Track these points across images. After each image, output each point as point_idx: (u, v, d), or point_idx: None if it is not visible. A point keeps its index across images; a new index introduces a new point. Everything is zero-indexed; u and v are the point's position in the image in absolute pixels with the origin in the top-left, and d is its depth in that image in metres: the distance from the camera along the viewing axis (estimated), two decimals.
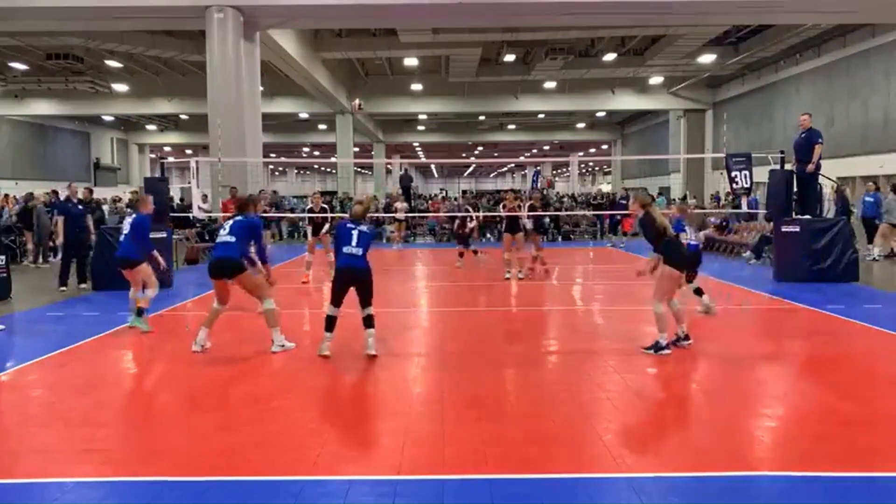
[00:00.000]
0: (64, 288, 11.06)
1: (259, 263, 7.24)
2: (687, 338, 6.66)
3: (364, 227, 6.62)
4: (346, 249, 6.45)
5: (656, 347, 6.45)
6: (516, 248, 12.20)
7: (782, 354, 6.75)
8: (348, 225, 6.60)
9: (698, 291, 8.47)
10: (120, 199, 22.31)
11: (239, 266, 6.76)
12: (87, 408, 5.06)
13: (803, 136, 11.44)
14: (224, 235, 6.85)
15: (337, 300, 6.51)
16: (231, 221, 7.01)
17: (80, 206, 12.12)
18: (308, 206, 12.11)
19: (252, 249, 7.13)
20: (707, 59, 25.49)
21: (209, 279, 6.89)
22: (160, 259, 8.32)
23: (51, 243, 15.97)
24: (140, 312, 7.81)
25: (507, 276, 12.00)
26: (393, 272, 13.75)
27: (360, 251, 6.46)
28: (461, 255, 13.93)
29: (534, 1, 16.02)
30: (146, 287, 7.95)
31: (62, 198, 19.26)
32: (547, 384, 5.67)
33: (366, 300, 6.53)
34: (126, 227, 8.05)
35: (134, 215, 8.13)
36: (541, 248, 12.59)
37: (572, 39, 23.94)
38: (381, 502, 3.45)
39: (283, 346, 6.82)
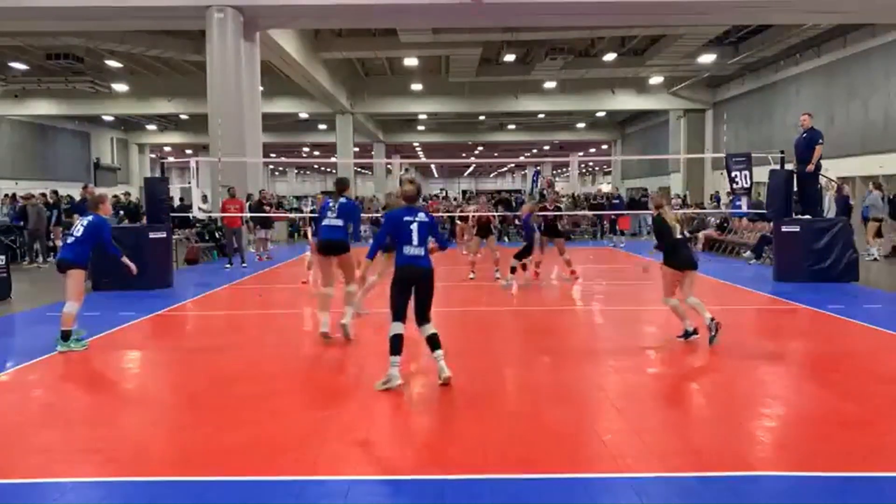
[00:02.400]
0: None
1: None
2: (695, 332, 6.85)
3: (423, 216, 5.50)
4: (405, 250, 5.39)
5: (686, 335, 6.84)
6: (539, 251, 11.73)
7: (782, 354, 6.74)
8: (405, 217, 5.44)
9: None
10: (118, 198, 22.24)
11: (346, 246, 7.15)
12: (87, 408, 5.07)
13: (804, 136, 11.43)
14: (332, 218, 7.13)
15: (400, 311, 5.39)
16: (337, 205, 7.19)
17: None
18: (312, 207, 12.07)
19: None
20: (707, 59, 25.48)
21: (319, 255, 7.30)
22: (130, 264, 7.24)
23: (49, 243, 15.98)
24: (66, 336, 6.70)
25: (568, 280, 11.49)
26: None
27: (422, 250, 5.41)
28: (514, 270, 11.28)
29: (534, 1, 16.02)
30: (67, 299, 6.81)
31: (62, 198, 19.34)
32: (547, 384, 5.66)
33: (424, 311, 5.47)
34: (78, 228, 6.93)
35: (90, 216, 7.03)
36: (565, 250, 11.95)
37: (572, 39, 23.94)
38: (381, 502, 3.45)
39: (351, 317, 7.21)
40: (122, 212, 17.59)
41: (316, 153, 55.37)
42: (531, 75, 28.53)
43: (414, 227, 5.38)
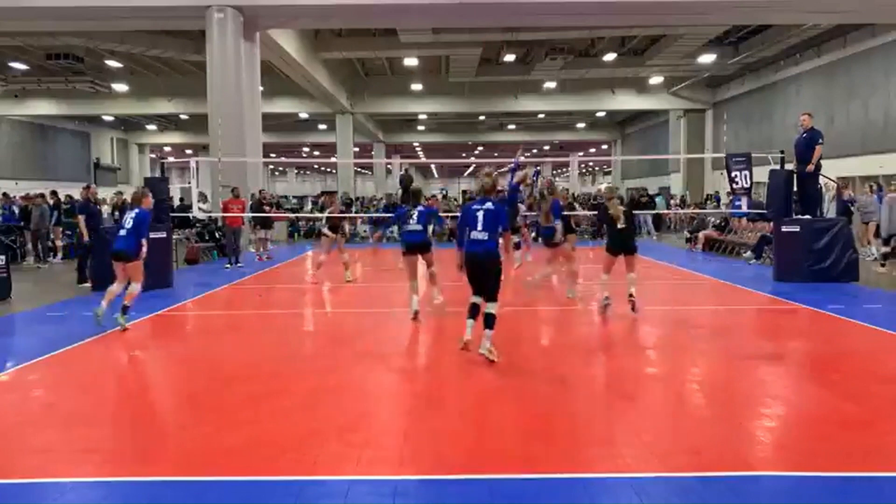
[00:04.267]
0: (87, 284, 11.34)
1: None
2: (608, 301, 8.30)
3: (491, 204, 6.06)
4: (473, 234, 5.99)
5: (604, 301, 8.31)
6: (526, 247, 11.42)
7: (782, 354, 6.74)
8: (474, 206, 6.12)
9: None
10: (122, 192, 22.18)
11: (429, 246, 8.37)
12: (87, 408, 5.06)
13: (804, 135, 11.43)
14: (413, 224, 8.23)
15: (476, 288, 6.13)
16: (416, 212, 8.28)
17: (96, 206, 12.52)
18: (330, 209, 12.56)
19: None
20: (707, 59, 25.49)
21: (405, 256, 8.29)
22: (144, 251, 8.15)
23: (50, 243, 15.99)
24: (125, 310, 7.83)
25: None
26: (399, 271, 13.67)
27: (485, 235, 5.93)
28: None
29: (534, 1, 16.02)
30: (132, 282, 7.93)
31: (62, 197, 19.34)
32: (547, 384, 5.66)
33: (490, 292, 6.02)
34: (128, 221, 8.08)
35: (136, 210, 8.16)
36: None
37: (572, 39, 23.95)
38: (381, 502, 3.45)
39: (439, 299, 8.59)
40: (116, 212, 17.60)
41: (316, 153, 55.40)
42: (531, 75, 28.53)
43: (480, 214, 6.00)
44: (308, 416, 4.79)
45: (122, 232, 8.04)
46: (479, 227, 5.94)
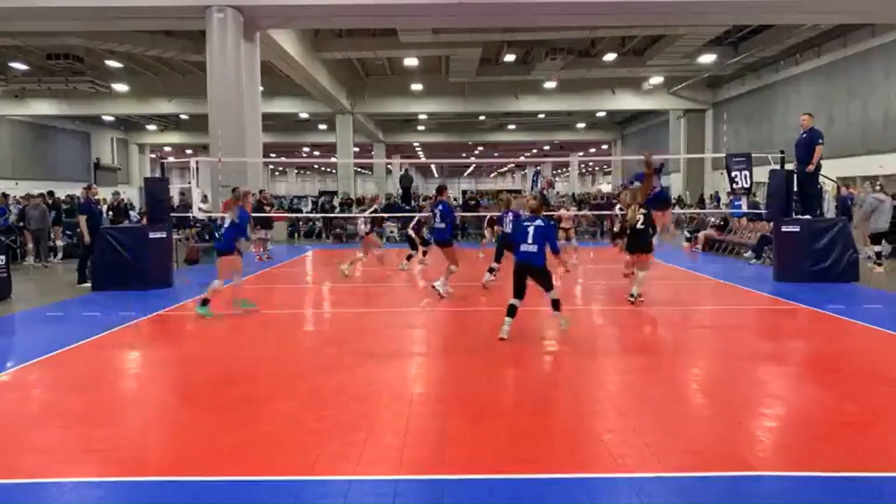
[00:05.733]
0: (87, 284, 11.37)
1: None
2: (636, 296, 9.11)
3: (540, 222, 7.09)
4: (523, 247, 6.99)
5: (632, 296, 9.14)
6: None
7: (782, 354, 6.74)
8: (524, 223, 7.15)
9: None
10: (119, 193, 22.14)
11: (450, 242, 10.21)
12: (86, 408, 5.06)
13: (804, 136, 11.43)
14: (437, 223, 10.34)
15: (518, 292, 7.03)
16: (438, 212, 10.27)
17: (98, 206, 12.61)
18: (373, 207, 13.55)
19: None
20: (707, 59, 25.48)
21: (436, 247, 10.60)
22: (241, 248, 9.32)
23: (50, 244, 15.98)
24: (205, 302, 8.60)
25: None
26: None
27: (535, 247, 6.94)
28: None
29: (534, 1, 16.02)
30: (219, 277, 8.72)
31: (62, 197, 19.35)
32: (547, 384, 5.67)
33: (545, 286, 7.07)
34: (227, 221, 9.11)
35: (239, 210, 8.98)
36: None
37: (572, 39, 23.94)
38: (381, 502, 3.45)
39: (445, 290, 9.85)
40: (111, 212, 17.61)
41: (316, 153, 55.38)
42: (531, 75, 28.53)
43: (531, 229, 7.00)
44: (308, 416, 4.79)
45: (220, 231, 9.38)
46: (530, 241, 6.95)
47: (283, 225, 23.02)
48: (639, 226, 9.00)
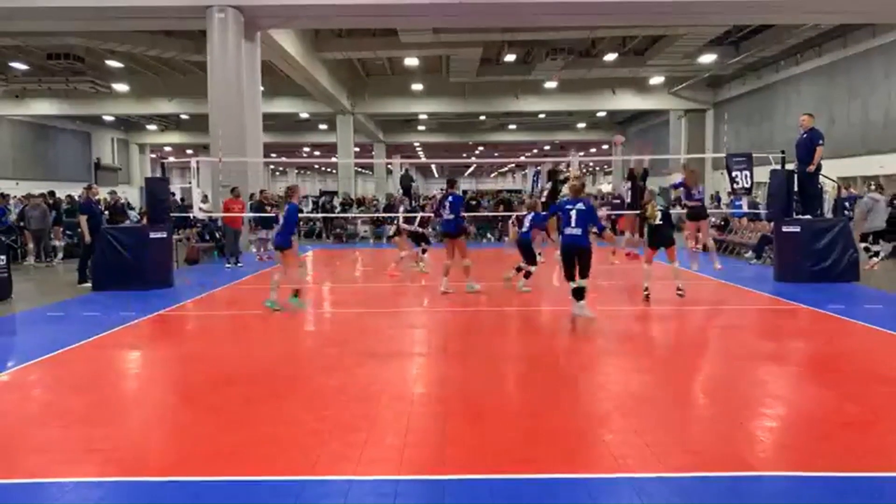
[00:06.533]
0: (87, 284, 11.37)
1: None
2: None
3: (582, 205, 7.23)
4: (567, 230, 7.22)
5: (645, 291, 9.35)
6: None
7: (783, 354, 6.73)
8: (567, 206, 7.28)
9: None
10: (116, 192, 22.17)
11: (459, 234, 10.07)
12: (87, 408, 5.06)
13: (805, 136, 11.42)
14: (447, 215, 10.21)
15: (569, 274, 7.39)
16: (448, 203, 10.20)
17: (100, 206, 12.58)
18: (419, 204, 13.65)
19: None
20: (707, 59, 25.48)
21: (444, 241, 10.40)
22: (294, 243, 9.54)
23: (52, 243, 15.97)
24: (297, 293, 9.12)
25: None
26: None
27: (579, 230, 7.15)
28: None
29: (534, 1, 16.02)
30: (287, 269, 9.16)
31: (62, 197, 19.34)
32: (547, 384, 5.66)
33: (584, 272, 7.32)
34: (281, 217, 9.33)
35: (288, 205, 9.17)
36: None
37: (572, 39, 23.94)
38: (381, 502, 3.45)
39: (473, 286, 9.94)
40: (107, 211, 17.61)
41: (316, 153, 55.36)
42: (531, 75, 28.53)
43: (573, 213, 7.11)
44: (308, 416, 4.79)
45: (276, 227, 9.56)
46: (573, 224, 7.09)
47: None
48: (657, 222, 9.35)
